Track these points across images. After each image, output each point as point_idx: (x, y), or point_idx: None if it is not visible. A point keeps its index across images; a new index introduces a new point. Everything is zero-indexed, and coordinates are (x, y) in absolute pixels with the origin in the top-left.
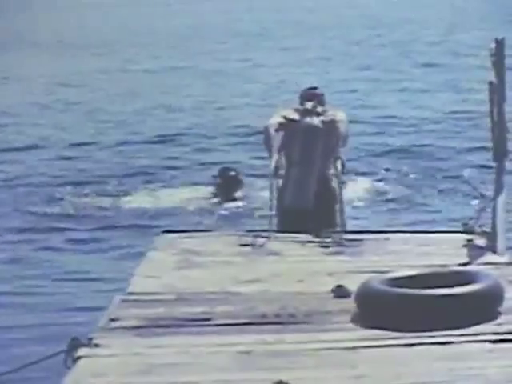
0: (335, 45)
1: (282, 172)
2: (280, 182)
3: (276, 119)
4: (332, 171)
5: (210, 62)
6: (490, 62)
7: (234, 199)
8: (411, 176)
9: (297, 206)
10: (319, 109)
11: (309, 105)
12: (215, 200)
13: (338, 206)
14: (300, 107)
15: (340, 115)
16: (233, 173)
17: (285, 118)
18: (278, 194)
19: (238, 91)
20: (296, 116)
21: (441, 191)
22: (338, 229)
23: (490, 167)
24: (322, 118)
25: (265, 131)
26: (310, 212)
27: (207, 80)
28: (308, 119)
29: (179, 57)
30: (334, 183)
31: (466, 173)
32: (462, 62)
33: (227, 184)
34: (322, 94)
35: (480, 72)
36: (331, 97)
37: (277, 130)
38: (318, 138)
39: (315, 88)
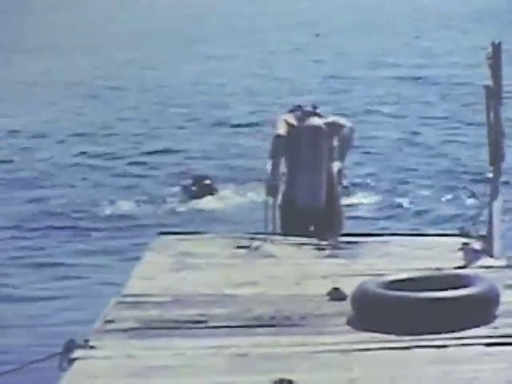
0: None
1: (280, 176)
2: (280, 185)
3: (282, 128)
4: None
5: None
6: (486, 65)
7: (210, 207)
8: (406, 180)
9: (311, 206)
10: (318, 112)
11: (308, 107)
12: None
13: (339, 207)
14: (299, 112)
15: (342, 121)
16: (207, 181)
17: (287, 123)
18: (285, 195)
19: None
20: (298, 120)
21: (437, 194)
22: (339, 229)
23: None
24: (323, 120)
25: (273, 141)
26: (321, 211)
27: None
28: (311, 120)
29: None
30: (337, 184)
31: (463, 176)
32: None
33: (201, 192)
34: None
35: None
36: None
37: (283, 137)
38: (323, 137)
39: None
